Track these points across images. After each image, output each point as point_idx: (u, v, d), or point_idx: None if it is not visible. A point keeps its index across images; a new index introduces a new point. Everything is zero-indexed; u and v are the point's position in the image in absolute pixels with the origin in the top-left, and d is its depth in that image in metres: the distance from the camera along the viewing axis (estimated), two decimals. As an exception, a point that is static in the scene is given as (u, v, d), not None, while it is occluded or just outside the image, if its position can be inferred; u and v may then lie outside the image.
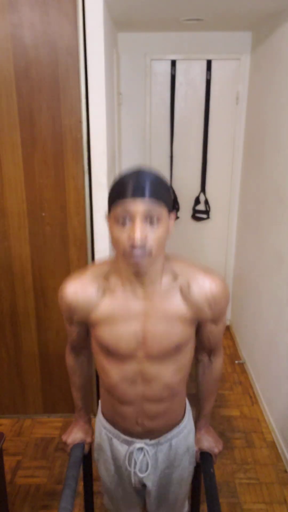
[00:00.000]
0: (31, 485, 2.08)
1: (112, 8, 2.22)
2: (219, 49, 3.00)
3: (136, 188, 0.96)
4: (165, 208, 0.99)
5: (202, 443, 1.36)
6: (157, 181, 0.99)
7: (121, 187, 0.98)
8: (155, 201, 0.97)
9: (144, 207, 0.96)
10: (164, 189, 1.00)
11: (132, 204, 0.96)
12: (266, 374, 2.56)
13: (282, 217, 2.28)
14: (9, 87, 1.97)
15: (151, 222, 0.97)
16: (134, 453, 1.26)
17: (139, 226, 0.95)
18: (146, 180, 0.97)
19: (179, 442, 1.29)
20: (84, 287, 1.13)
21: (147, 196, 0.96)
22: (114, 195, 1.00)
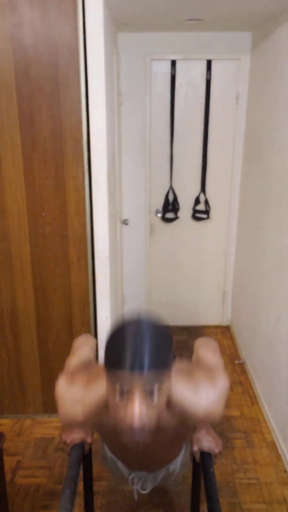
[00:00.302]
0: (31, 485, 2.08)
1: (112, 8, 2.22)
2: (219, 49, 3.00)
3: (135, 360, 0.86)
4: (166, 373, 0.91)
5: (202, 443, 1.37)
6: (158, 344, 0.89)
7: (118, 354, 0.87)
8: (155, 373, 0.87)
9: (143, 382, 0.87)
10: (166, 352, 0.90)
11: (130, 379, 0.86)
12: (266, 374, 2.56)
13: (282, 217, 2.28)
14: (9, 87, 1.98)
15: (151, 396, 0.89)
16: (136, 478, 1.43)
17: (138, 405, 0.87)
18: (145, 347, 0.87)
19: (176, 466, 1.45)
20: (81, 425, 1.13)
21: (147, 369, 0.86)
22: (110, 360, 0.89)
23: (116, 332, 0.91)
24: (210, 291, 3.58)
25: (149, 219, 3.37)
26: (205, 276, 3.54)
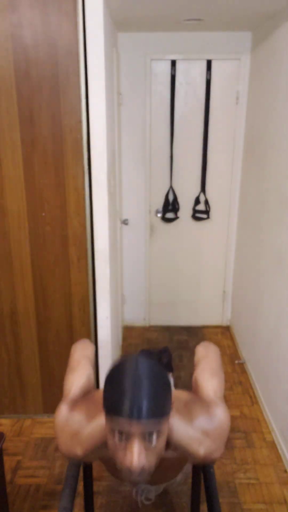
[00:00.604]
0: (31, 485, 2.08)
1: (112, 8, 2.22)
2: (219, 49, 3.00)
3: (133, 408, 0.86)
4: (165, 419, 0.91)
5: None
6: (156, 391, 0.89)
7: (116, 399, 0.88)
8: (154, 420, 0.88)
9: (142, 429, 0.87)
10: (164, 399, 0.90)
11: (128, 425, 0.87)
12: (266, 374, 2.56)
13: (282, 217, 2.28)
14: (9, 87, 1.98)
15: (150, 440, 0.90)
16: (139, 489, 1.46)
17: (137, 450, 0.87)
18: (143, 395, 0.87)
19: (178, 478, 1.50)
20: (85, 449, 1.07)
21: (145, 418, 0.86)
22: (109, 404, 0.89)
23: (114, 375, 0.91)
24: (210, 291, 3.58)
25: (149, 219, 3.37)
26: (205, 276, 3.54)
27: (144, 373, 0.89)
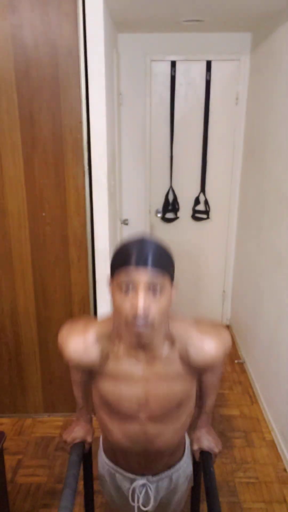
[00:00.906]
0: (32, 484, 2.09)
1: (112, 9, 2.22)
2: (219, 50, 3.00)
3: (140, 257, 0.95)
4: (168, 278, 0.99)
5: (203, 442, 1.37)
6: (160, 251, 0.99)
7: (124, 255, 0.97)
8: (158, 271, 0.96)
9: (148, 276, 0.95)
10: (168, 260, 1.00)
11: (135, 273, 0.95)
12: (265, 373, 2.57)
13: (282, 217, 2.29)
14: (10, 88, 1.98)
15: (154, 292, 0.97)
16: (137, 489, 1.29)
17: (142, 295, 0.95)
18: (150, 249, 0.97)
19: (179, 476, 1.34)
20: (88, 349, 1.11)
21: (151, 266, 0.95)
22: (117, 262, 0.99)
23: (121, 244, 1.02)
24: (210, 291, 3.59)
25: (149, 219, 3.38)
26: (205, 276, 3.55)
27: (150, 240, 1.00)
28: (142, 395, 1.12)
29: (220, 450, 1.38)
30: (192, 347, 1.10)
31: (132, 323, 0.96)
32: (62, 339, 1.16)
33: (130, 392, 1.11)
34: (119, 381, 1.11)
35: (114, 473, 1.34)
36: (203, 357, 1.11)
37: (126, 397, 1.12)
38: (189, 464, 1.39)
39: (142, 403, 1.13)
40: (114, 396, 1.13)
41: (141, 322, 0.96)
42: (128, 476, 1.31)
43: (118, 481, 1.33)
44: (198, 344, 1.10)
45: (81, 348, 1.12)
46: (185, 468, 1.37)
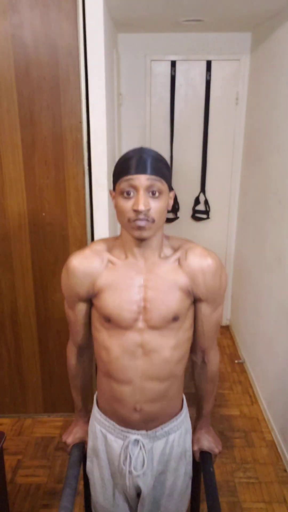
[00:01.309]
0: (32, 484, 2.09)
1: (112, 8, 2.22)
2: (219, 50, 3.00)
3: (140, 165, 1.05)
4: (165, 183, 1.09)
5: (202, 443, 1.37)
6: (158, 159, 1.08)
7: (126, 164, 1.07)
8: (156, 176, 1.06)
9: (147, 181, 1.05)
10: (165, 167, 1.10)
11: (136, 179, 1.05)
12: (265, 373, 2.57)
13: (281, 217, 2.29)
14: (10, 88, 1.98)
15: (153, 195, 1.07)
16: (130, 448, 1.22)
17: (143, 196, 1.05)
18: (148, 157, 1.06)
19: (175, 440, 1.27)
20: (88, 259, 1.18)
21: (149, 173, 1.05)
22: (119, 171, 1.08)
23: (122, 156, 1.10)
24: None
25: (149, 219, 3.38)
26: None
27: (149, 149, 1.09)
28: (141, 300, 1.15)
29: (220, 450, 1.37)
30: (192, 253, 1.16)
31: (134, 219, 1.06)
32: (66, 262, 1.22)
33: (129, 297, 1.15)
34: (119, 289, 1.15)
35: (105, 434, 1.27)
36: (201, 263, 1.15)
37: (125, 303, 1.15)
38: (187, 433, 1.32)
39: (141, 309, 1.15)
40: (115, 304, 1.15)
41: (142, 217, 1.06)
42: (121, 431, 1.24)
43: (110, 447, 1.26)
44: (199, 252, 1.17)
45: (82, 258, 1.18)
46: (183, 434, 1.30)
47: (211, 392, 1.34)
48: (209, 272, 1.15)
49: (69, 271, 1.19)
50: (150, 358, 1.17)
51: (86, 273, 1.17)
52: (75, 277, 1.19)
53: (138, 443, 1.23)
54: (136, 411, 1.20)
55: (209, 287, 1.17)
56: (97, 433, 1.30)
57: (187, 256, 1.16)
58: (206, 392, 1.34)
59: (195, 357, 1.31)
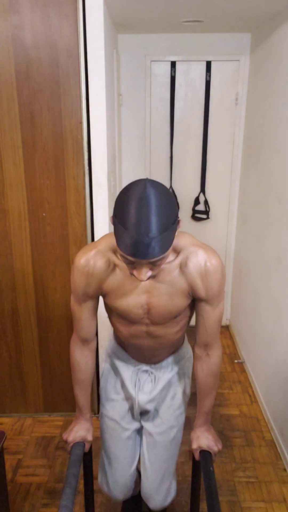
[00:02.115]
0: (32, 484, 2.09)
1: (112, 9, 2.23)
2: (219, 50, 3.01)
3: (140, 252, 0.98)
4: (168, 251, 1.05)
5: (202, 441, 1.38)
6: (160, 236, 0.98)
7: (125, 241, 0.99)
8: (157, 258, 1.02)
9: (148, 264, 1.04)
10: (170, 231, 1.01)
11: (136, 261, 1.03)
12: (265, 373, 2.58)
13: (281, 217, 2.30)
14: (10, 88, 1.99)
15: (154, 265, 1.06)
16: (139, 374, 1.45)
17: (144, 270, 1.05)
18: (149, 239, 0.96)
19: (178, 368, 1.48)
20: (95, 261, 1.22)
21: (150, 258, 1.00)
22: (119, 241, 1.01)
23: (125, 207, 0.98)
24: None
25: (149, 219, 3.38)
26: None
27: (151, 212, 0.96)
28: (145, 304, 1.25)
29: (220, 449, 1.38)
30: (192, 257, 1.19)
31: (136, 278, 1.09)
32: (74, 261, 1.26)
33: (135, 301, 1.24)
34: (125, 294, 1.24)
35: (119, 362, 1.48)
36: (199, 267, 1.19)
37: (132, 306, 1.25)
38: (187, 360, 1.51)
39: (145, 311, 1.26)
40: (122, 307, 1.26)
41: None
42: (134, 361, 1.46)
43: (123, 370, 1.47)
44: (199, 256, 1.19)
45: (90, 259, 1.22)
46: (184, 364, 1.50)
47: (212, 387, 1.38)
48: (209, 276, 1.19)
49: (78, 272, 1.24)
50: (156, 339, 1.34)
51: (93, 275, 1.23)
52: (84, 278, 1.24)
53: (146, 372, 1.46)
54: (146, 358, 1.43)
55: (209, 289, 1.22)
56: (113, 358, 1.51)
57: (187, 262, 1.19)
58: (208, 386, 1.37)
59: (199, 351, 1.36)
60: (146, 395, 1.45)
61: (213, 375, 1.36)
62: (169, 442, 1.50)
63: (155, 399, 1.46)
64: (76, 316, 1.34)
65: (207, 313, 1.27)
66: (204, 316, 1.28)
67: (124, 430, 1.51)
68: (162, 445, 1.49)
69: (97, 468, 2.16)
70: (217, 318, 1.29)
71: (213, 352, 1.34)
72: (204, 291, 1.21)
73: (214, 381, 1.37)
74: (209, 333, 1.30)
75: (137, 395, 1.46)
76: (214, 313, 1.27)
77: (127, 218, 0.97)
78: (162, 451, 1.50)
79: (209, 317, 1.28)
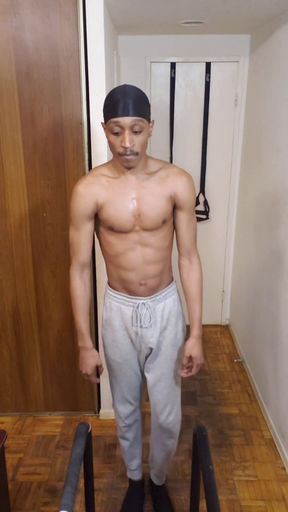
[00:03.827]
0: (33, 482, 2.10)
1: (113, 11, 2.24)
2: (218, 51, 3.02)
3: (125, 109, 1.32)
4: (146, 121, 1.36)
5: (195, 351, 1.60)
6: (140, 100, 1.34)
7: (113, 106, 1.33)
8: (138, 117, 1.33)
9: (130, 122, 1.33)
10: (145, 106, 1.36)
11: (122, 120, 1.33)
12: (264, 372, 2.59)
13: (280, 217, 2.31)
14: (11, 89, 2.00)
15: (135, 132, 1.35)
16: (139, 309, 1.59)
17: (128, 135, 1.34)
18: (131, 100, 1.32)
19: (171, 303, 1.65)
20: (91, 183, 1.48)
21: (132, 115, 1.32)
22: (108, 111, 1.35)
23: (110, 95, 1.36)
24: (209, 291, 3.60)
25: (149, 220, 3.39)
26: (204, 275, 3.53)
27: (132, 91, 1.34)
28: (136, 210, 1.47)
29: (202, 362, 1.63)
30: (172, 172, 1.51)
31: (123, 154, 1.37)
32: (73, 189, 1.50)
33: (126, 209, 1.46)
34: (117, 204, 1.46)
35: (119, 306, 1.61)
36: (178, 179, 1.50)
37: (124, 214, 1.46)
38: (176, 301, 1.69)
39: (136, 217, 1.47)
40: (115, 216, 1.46)
41: (128, 152, 1.36)
42: (131, 300, 1.59)
43: (123, 312, 1.61)
44: (176, 171, 1.52)
45: (86, 184, 1.47)
46: (175, 301, 1.67)
47: (199, 293, 1.66)
48: (185, 186, 1.50)
49: (77, 195, 1.48)
50: (147, 249, 1.53)
51: (89, 195, 1.47)
52: (81, 199, 1.47)
53: (144, 305, 1.60)
54: (141, 285, 1.57)
55: (186, 197, 1.51)
56: (112, 306, 1.63)
57: (168, 173, 1.50)
58: (195, 293, 1.65)
59: (182, 260, 1.64)
60: (148, 329, 1.61)
61: (199, 280, 1.66)
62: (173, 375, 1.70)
63: (158, 335, 1.62)
64: (75, 242, 1.54)
65: (185, 221, 1.55)
66: (184, 224, 1.55)
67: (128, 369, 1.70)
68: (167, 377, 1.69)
69: (97, 468, 2.18)
70: (194, 227, 1.59)
71: (195, 259, 1.65)
72: (182, 197, 1.50)
73: (200, 287, 1.67)
74: (190, 240, 1.59)
75: (139, 333, 1.61)
76: (192, 221, 1.57)
77: (112, 92, 1.35)
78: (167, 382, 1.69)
79: (188, 225, 1.56)
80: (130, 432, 1.85)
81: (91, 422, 2.49)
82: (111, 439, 2.37)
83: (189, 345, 1.60)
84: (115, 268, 1.58)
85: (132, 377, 1.72)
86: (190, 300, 1.65)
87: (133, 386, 1.74)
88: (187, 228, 1.57)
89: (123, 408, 1.78)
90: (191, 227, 1.58)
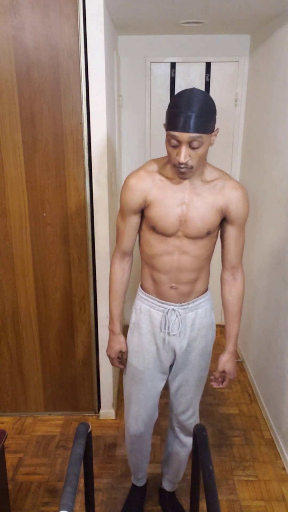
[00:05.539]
0: (33, 482, 2.10)
1: (112, 11, 2.24)
2: (218, 51, 3.02)
3: (185, 124, 1.26)
4: (207, 134, 1.31)
5: (228, 366, 1.59)
6: (202, 113, 1.27)
7: (174, 119, 1.28)
8: (197, 134, 1.28)
9: (188, 138, 1.28)
10: (208, 118, 1.29)
11: (179, 136, 1.28)
12: (264, 372, 2.59)
13: (280, 217, 2.31)
14: (11, 89, 2.00)
15: (193, 147, 1.30)
16: (168, 315, 1.56)
17: (184, 151, 1.30)
18: (193, 115, 1.26)
19: (203, 313, 1.59)
20: (142, 179, 1.46)
21: (192, 131, 1.27)
22: (168, 122, 1.31)
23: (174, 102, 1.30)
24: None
25: (149, 220, 3.39)
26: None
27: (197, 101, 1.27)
28: (183, 215, 1.43)
29: (235, 376, 1.64)
30: (229, 184, 1.45)
31: (177, 166, 1.34)
32: (124, 181, 1.49)
33: (174, 212, 1.43)
34: (165, 205, 1.43)
35: (149, 309, 1.59)
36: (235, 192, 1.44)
37: (170, 216, 1.43)
38: (211, 311, 1.63)
39: (182, 222, 1.44)
40: (161, 217, 1.44)
41: (183, 166, 1.33)
42: (161, 305, 1.57)
43: (153, 317, 1.58)
44: (233, 184, 1.45)
45: (137, 178, 1.46)
46: (208, 311, 1.61)
47: (239, 309, 1.60)
48: (239, 201, 1.45)
49: (127, 188, 1.47)
50: (184, 256, 1.49)
51: (140, 190, 1.45)
52: (131, 193, 1.46)
53: (174, 312, 1.56)
54: (172, 289, 1.54)
55: (239, 212, 1.46)
56: (142, 309, 1.62)
57: (225, 184, 1.44)
58: (236, 310, 1.59)
59: (226, 275, 1.59)
60: (176, 337, 1.58)
61: (240, 297, 1.58)
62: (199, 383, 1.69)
63: (185, 345, 1.59)
64: (120, 231, 1.56)
65: (235, 237, 1.51)
66: (233, 239, 1.51)
67: (148, 380, 1.66)
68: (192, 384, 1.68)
69: (97, 467, 2.18)
70: (243, 243, 1.54)
71: (239, 275, 1.58)
72: (235, 212, 1.45)
73: (241, 304, 1.59)
74: (236, 256, 1.54)
75: (166, 340, 1.58)
76: (241, 237, 1.52)
77: (177, 99, 1.29)
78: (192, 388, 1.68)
79: (237, 241, 1.52)
80: (137, 444, 1.80)
81: (91, 422, 2.50)
82: (111, 439, 2.37)
83: (223, 359, 1.59)
84: (149, 268, 1.57)
85: (151, 390, 1.67)
86: (229, 316, 1.61)
87: (151, 401, 1.69)
88: (235, 243, 1.52)
89: (135, 424, 1.74)
90: (239, 243, 1.54)
